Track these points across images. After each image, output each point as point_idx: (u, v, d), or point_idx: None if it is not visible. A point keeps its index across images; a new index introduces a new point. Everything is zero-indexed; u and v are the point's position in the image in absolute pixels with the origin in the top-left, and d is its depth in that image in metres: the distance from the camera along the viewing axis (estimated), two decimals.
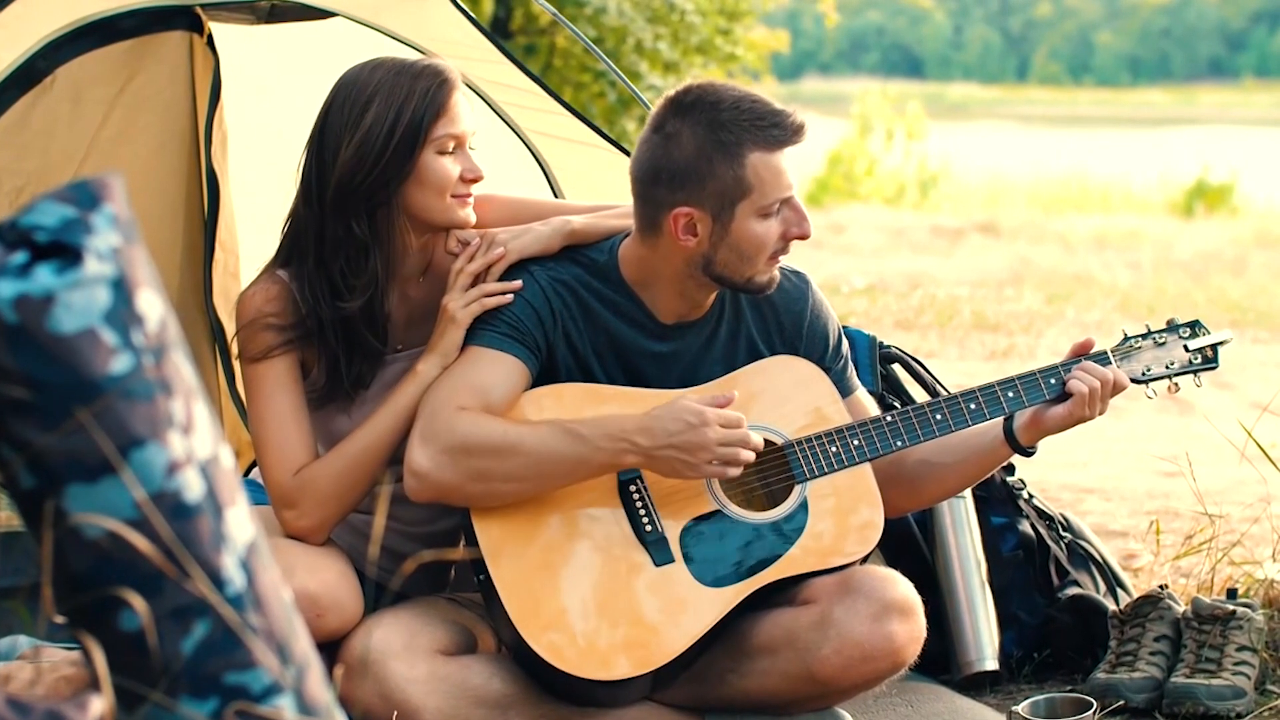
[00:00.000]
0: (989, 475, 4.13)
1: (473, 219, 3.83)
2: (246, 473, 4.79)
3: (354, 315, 3.77)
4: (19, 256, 1.90)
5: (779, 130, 3.68)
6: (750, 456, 3.67)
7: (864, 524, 3.80)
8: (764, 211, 3.69)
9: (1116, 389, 3.88)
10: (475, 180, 3.80)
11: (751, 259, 3.73)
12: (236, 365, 4.62)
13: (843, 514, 3.80)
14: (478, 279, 3.79)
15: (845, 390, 3.98)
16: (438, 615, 3.81)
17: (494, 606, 3.69)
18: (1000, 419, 3.89)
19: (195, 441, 1.97)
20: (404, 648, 3.67)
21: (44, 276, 1.89)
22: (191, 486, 1.96)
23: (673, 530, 3.75)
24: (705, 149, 3.67)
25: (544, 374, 3.81)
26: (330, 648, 3.71)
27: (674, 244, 3.74)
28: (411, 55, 3.91)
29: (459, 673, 3.72)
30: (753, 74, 17.32)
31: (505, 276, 3.80)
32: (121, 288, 1.92)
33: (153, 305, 1.95)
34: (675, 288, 3.81)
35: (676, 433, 3.63)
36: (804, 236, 3.73)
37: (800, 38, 67.11)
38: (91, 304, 1.90)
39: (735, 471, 3.67)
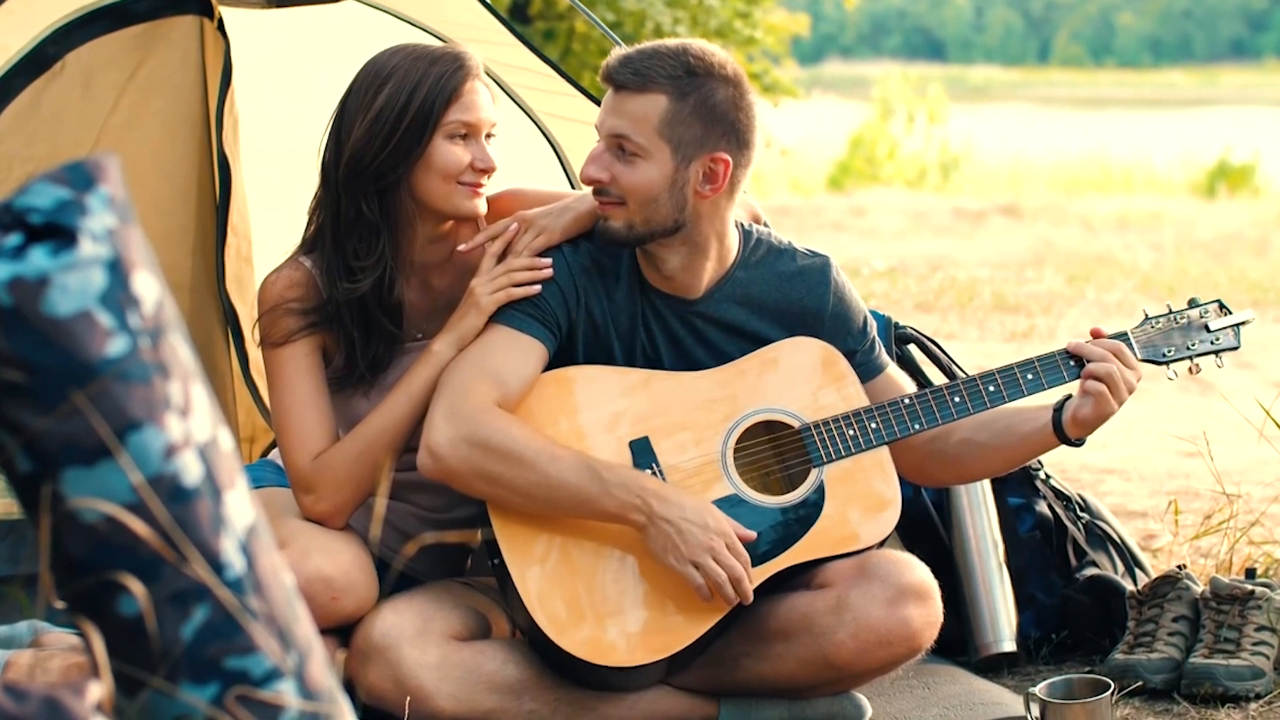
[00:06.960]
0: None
1: (481, 210, 3.82)
2: (265, 454, 4.78)
3: (366, 296, 3.77)
4: (13, 238, 1.88)
5: (607, 64, 3.71)
6: (730, 595, 3.63)
7: (881, 509, 3.78)
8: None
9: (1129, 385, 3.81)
10: (486, 171, 3.79)
11: None
12: (250, 350, 4.62)
13: (860, 498, 3.78)
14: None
15: (876, 369, 3.94)
16: (451, 600, 3.80)
17: (509, 591, 3.68)
18: (1050, 410, 3.82)
19: (193, 424, 1.95)
20: (417, 633, 3.67)
21: (38, 258, 1.88)
22: (190, 469, 1.94)
23: None
24: None
25: (562, 350, 3.80)
26: (345, 631, 3.71)
27: None
28: (435, 43, 3.90)
29: (473, 658, 3.71)
30: (773, 57, 17.24)
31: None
32: (117, 269, 1.91)
33: (149, 287, 1.93)
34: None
35: (689, 521, 3.61)
36: (586, 181, 3.73)
37: (821, 21, 67.07)
38: (87, 286, 1.89)
39: (704, 590, 3.62)
